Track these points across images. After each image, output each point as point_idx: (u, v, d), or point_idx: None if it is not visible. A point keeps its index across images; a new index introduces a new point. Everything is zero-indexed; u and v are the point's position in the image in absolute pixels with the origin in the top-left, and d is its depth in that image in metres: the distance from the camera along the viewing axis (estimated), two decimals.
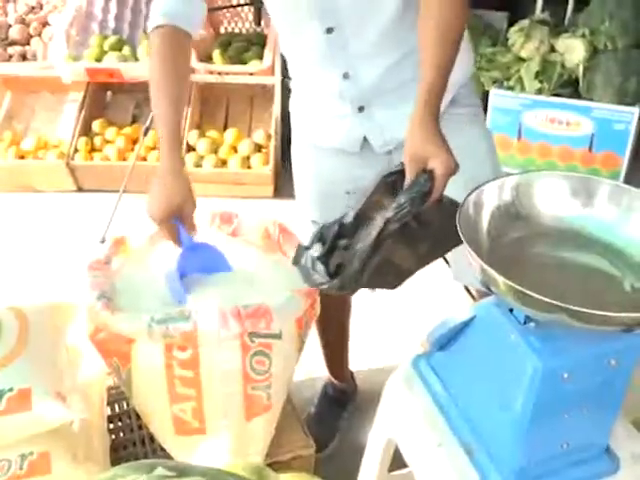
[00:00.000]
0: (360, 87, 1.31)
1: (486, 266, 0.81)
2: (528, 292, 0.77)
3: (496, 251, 0.92)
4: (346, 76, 1.30)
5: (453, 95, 1.34)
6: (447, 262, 1.49)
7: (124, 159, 2.97)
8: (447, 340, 1.04)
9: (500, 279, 0.80)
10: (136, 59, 3.03)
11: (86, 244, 2.54)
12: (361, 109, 1.34)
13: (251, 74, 3.06)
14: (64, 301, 1.37)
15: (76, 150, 3.01)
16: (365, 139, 1.37)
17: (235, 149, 3.03)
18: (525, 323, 0.89)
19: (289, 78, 1.47)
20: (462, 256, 0.88)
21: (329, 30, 1.24)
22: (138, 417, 1.41)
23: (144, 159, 2.95)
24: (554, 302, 0.76)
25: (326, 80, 1.33)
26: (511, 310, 0.91)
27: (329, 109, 1.38)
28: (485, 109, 3.05)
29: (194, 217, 1.25)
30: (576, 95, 2.90)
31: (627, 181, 2.93)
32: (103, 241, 2.57)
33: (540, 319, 0.86)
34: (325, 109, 1.39)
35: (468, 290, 2.28)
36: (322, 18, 1.23)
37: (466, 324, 0.98)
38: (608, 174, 2.92)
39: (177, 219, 1.22)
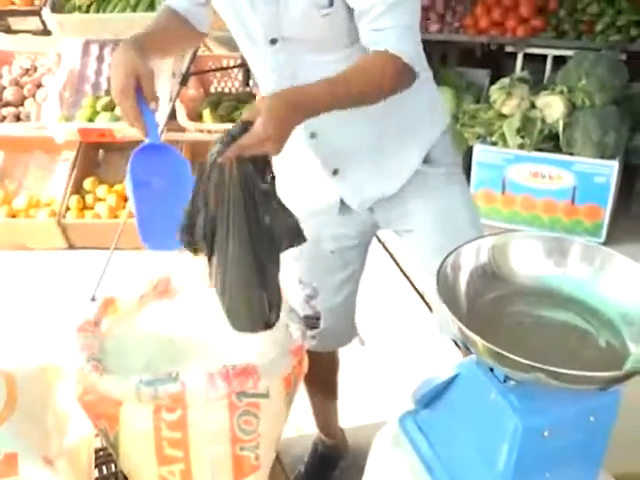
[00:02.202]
0: (330, 148, 1.33)
1: (464, 328, 0.83)
2: (505, 353, 0.80)
3: (475, 311, 0.94)
4: (313, 136, 1.32)
5: (426, 153, 1.37)
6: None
7: (115, 216, 3.01)
8: (432, 398, 1.05)
9: (478, 340, 0.82)
10: None
11: (77, 302, 2.55)
12: (335, 172, 1.36)
13: None
14: (53, 363, 1.37)
15: (67, 208, 3.05)
16: (342, 201, 1.40)
17: None
18: (505, 381, 0.91)
19: None
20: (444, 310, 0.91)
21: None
22: (126, 479, 1.40)
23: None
24: (531, 363, 0.79)
25: (295, 139, 1.32)
26: (492, 369, 0.93)
27: (305, 172, 1.41)
28: (469, 164, 3.14)
29: (154, 85, 1.19)
30: (557, 150, 2.99)
31: (609, 232, 2.99)
32: (94, 299, 2.58)
33: (519, 378, 0.88)
34: (301, 172, 1.41)
35: (456, 343, 2.30)
36: (283, 77, 1.27)
37: (449, 382, 1.00)
38: (591, 226, 2.98)
39: (141, 99, 1.17)
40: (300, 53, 1.23)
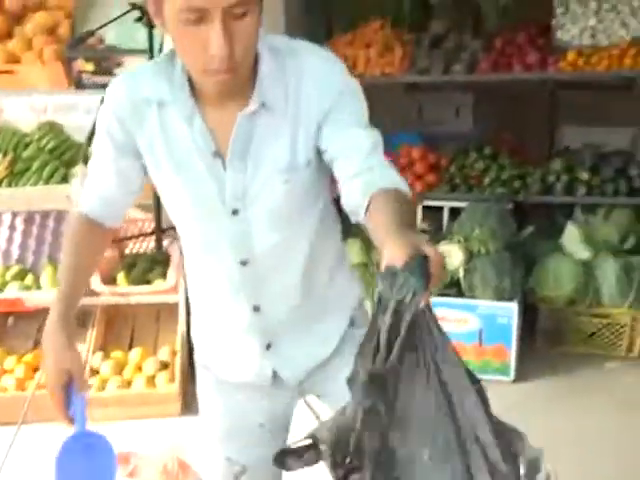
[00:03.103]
0: (269, 321, 1.34)
1: None
2: None
3: None
4: (256, 309, 1.33)
5: (350, 316, 1.44)
6: None
7: (23, 389, 2.90)
8: None
9: None
10: (39, 287, 3.08)
11: None
12: (268, 346, 1.37)
13: (155, 293, 3.16)
14: None
15: None
16: (275, 373, 1.39)
17: (140, 368, 3.03)
18: None
19: None
20: None
21: (243, 262, 1.28)
22: None
23: (44, 387, 2.88)
24: None
25: (234, 313, 1.35)
26: None
27: (236, 345, 1.39)
28: None
29: (84, 374, 1.27)
30: (461, 294, 3.16)
31: (518, 370, 3.12)
32: None
33: None
34: (231, 345, 1.40)
35: None
36: (237, 252, 1.28)
37: None
38: (500, 365, 3.10)
39: (70, 388, 1.22)
40: (261, 224, 1.26)
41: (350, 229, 3.67)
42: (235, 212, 1.24)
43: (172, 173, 1.25)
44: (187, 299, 3.03)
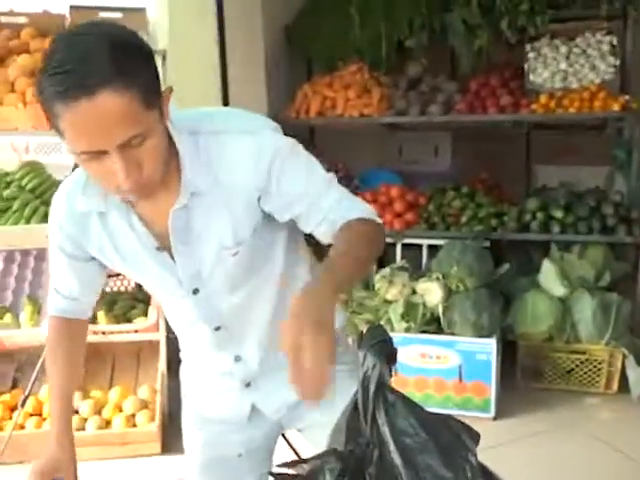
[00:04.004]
0: (250, 366, 1.40)
1: None
2: None
3: None
4: (238, 359, 1.39)
5: None
6: None
7: (1, 429, 2.86)
8: None
9: None
10: (18, 326, 3.06)
11: None
12: (248, 385, 1.42)
13: (136, 331, 3.15)
14: None
15: None
16: (253, 407, 1.44)
17: (120, 408, 3.00)
18: None
19: (173, 334, 1.51)
20: None
21: (217, 328, 1.35)
22: None
23: (22, 427, 2.85)
24: None
25: (217, 362, 1.42)
26: None
27: (216, 385, 1.45)
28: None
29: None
30: (440, 331, 3.19)
31: (499, 407, 3.14)
32: None
33: None
34: (212, 384, 1.46)
35: None
36: (209, 322, 1.35)
37: None
38: (481, 402, 3.12)
39: None
40: (222, 292, 1.31)
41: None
42: (195, 292, 1.30)
43: (128, 271, 1.32)
44: (168, 337, 3.06)
